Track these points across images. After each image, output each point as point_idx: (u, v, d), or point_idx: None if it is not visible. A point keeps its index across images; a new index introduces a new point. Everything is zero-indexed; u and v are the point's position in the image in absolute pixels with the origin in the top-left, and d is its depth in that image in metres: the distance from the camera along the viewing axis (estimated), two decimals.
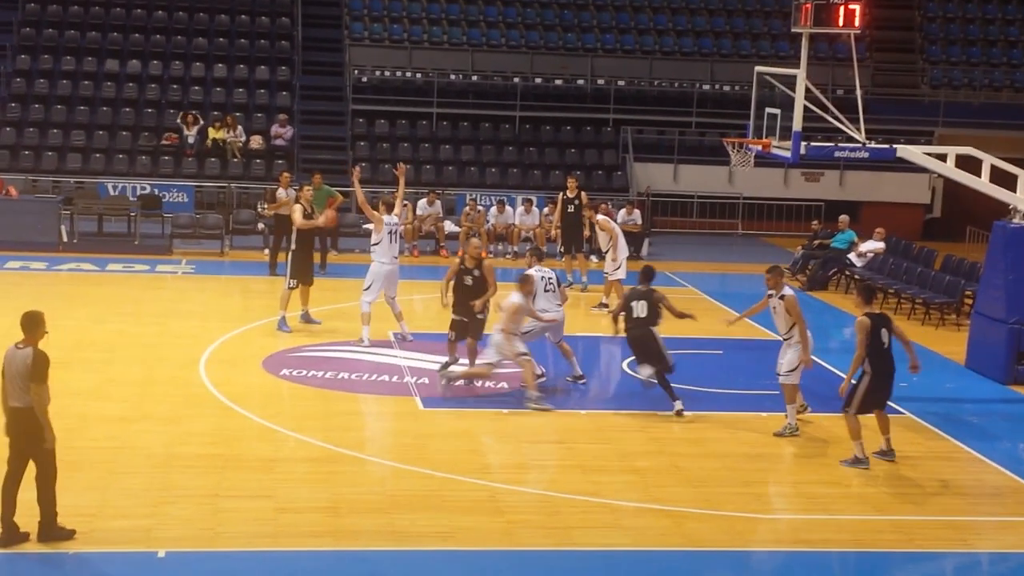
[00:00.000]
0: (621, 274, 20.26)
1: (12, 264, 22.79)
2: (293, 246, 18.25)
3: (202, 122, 29.92)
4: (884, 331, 13.21)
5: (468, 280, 15.94)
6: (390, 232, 17.68)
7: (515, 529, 11.24)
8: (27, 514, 10.68)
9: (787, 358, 14.21)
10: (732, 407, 15.51)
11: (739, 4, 34.97)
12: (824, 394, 16.32)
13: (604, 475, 12.75)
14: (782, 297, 14.21)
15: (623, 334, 15.63)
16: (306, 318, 18.50)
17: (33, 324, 10.72)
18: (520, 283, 15.25)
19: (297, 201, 18.77)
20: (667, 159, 31.34)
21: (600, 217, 21.17)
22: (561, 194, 23.78)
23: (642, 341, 15.05)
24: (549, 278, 15.93)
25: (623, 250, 20.49)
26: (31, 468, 10.68)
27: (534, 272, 15.76)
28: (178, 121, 29.90)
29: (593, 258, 24.63)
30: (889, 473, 13.25)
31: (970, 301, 20.12)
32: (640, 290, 15.22)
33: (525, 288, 15.22)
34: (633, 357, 15.74)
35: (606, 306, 20.12)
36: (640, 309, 15.01)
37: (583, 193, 23.56)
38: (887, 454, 13.51)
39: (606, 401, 16.09)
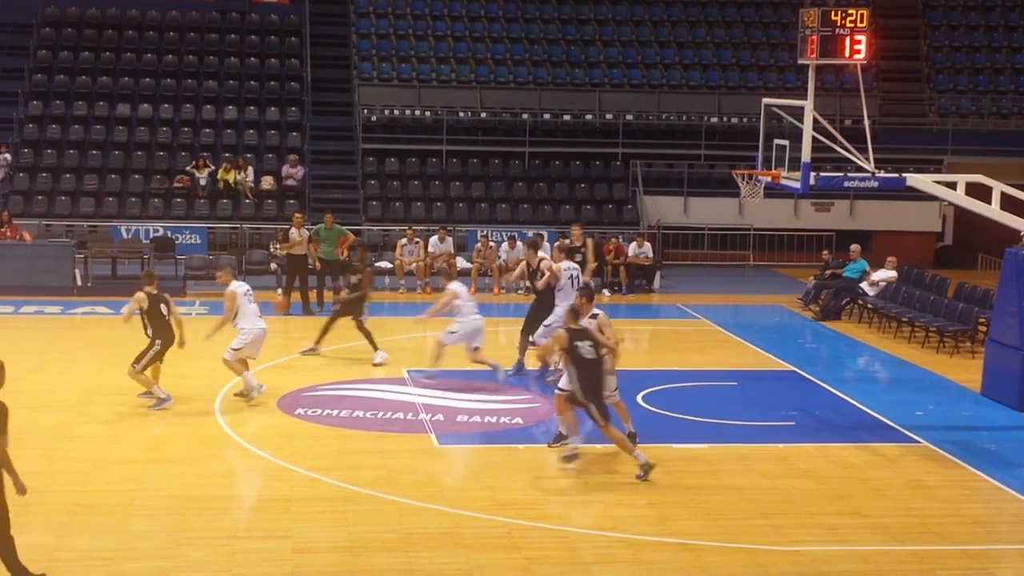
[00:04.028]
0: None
1: (27, 309, 22.89)
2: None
3: (212, 167, 30.07)
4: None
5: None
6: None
7: (533, 565, 11.20)
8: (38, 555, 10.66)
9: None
10: (747, 439, 15.47)
11: (745, 37, 35.13)
12: (841, 425, 16.30)
13: (621, 509, 12.71)
14: (595, 316, 14.28)
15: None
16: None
17: None
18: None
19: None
20: (677, 192, 31.38)
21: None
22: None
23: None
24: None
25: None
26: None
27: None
28: (189, 168, 30.04)
29: None
30: (907, 503, 13.19)
31: (984, 328, 20.08)
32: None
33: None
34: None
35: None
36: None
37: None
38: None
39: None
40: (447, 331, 17.69)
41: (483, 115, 32.47)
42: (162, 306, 15.96)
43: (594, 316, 14.43)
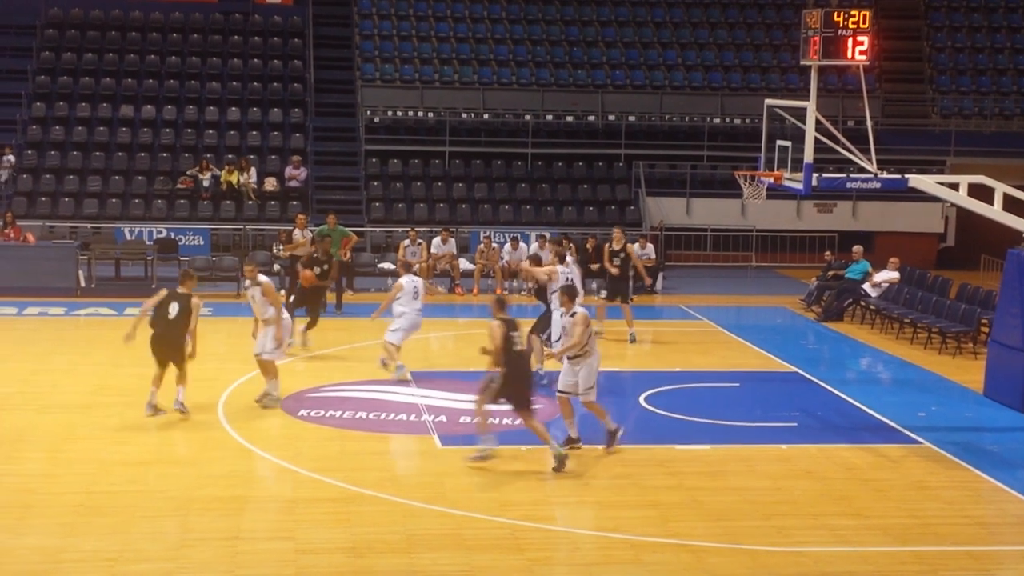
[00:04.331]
0: None
1: (31, 310, 22.93)
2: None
3: (215, 170, 30.07)
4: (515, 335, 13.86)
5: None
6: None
7: (536, 567, 11.22)
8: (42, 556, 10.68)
9: (582, 375, 14.34)
10: (749, 440, 15.48)
11: (748, 38, 35.16)
12: (844, 426, 16.32)
13: (623, 510, 12.73)
14: (573, 315, 14.42)
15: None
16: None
17: None
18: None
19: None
20: (679, 193, 31.42)
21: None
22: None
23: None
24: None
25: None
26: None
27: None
28: (191, 171, 30.04)
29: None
30: (910, 504, 13.20)
31: (987, 329, 20.08)
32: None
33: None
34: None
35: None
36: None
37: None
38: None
39: (624, 435, 16.07)
40: (390, 330, 17.96)
41: (486, 116, 32.50)
42: (173, 305, 15.75)
43: (573, 314, 14.53)
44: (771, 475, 14.03)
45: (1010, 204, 17.01)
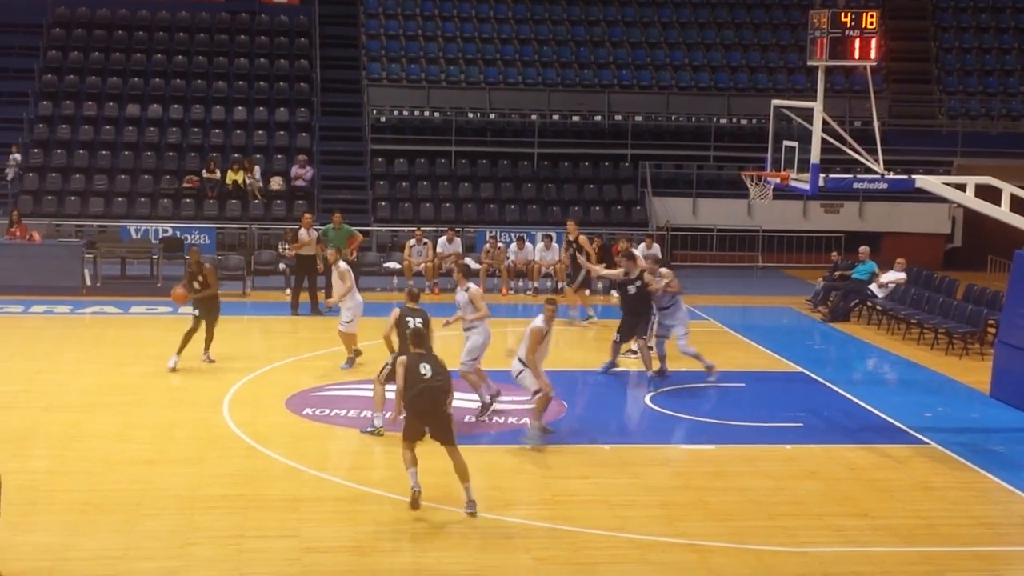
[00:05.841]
0: None
1: (37, 308, 22.95)
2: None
3: (219, 173, 30.07)
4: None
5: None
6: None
7: (541, 566, 11.21)
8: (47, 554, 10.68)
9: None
10: (755, 440, 15.46)
11: (755, 39, 35.13)
12: (849, 426, 16.30)
13: (630, 510, 12.72)
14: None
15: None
16: None
17: None
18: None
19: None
20: (686, 193, 31.40)
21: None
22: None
23: None
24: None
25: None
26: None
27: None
28: (204, 173, 30.03)
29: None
30: (915, 505, 13.18)
31: (993, 330, 20.04)
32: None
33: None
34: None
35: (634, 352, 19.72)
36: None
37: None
38: None
39: (630, 435, 16.07)
40: (343, 321, 18.46)
41: (492, 116, 32.50)
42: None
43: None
44: (776, 475, 14.01)
45: (1017, 205, 16.96)
